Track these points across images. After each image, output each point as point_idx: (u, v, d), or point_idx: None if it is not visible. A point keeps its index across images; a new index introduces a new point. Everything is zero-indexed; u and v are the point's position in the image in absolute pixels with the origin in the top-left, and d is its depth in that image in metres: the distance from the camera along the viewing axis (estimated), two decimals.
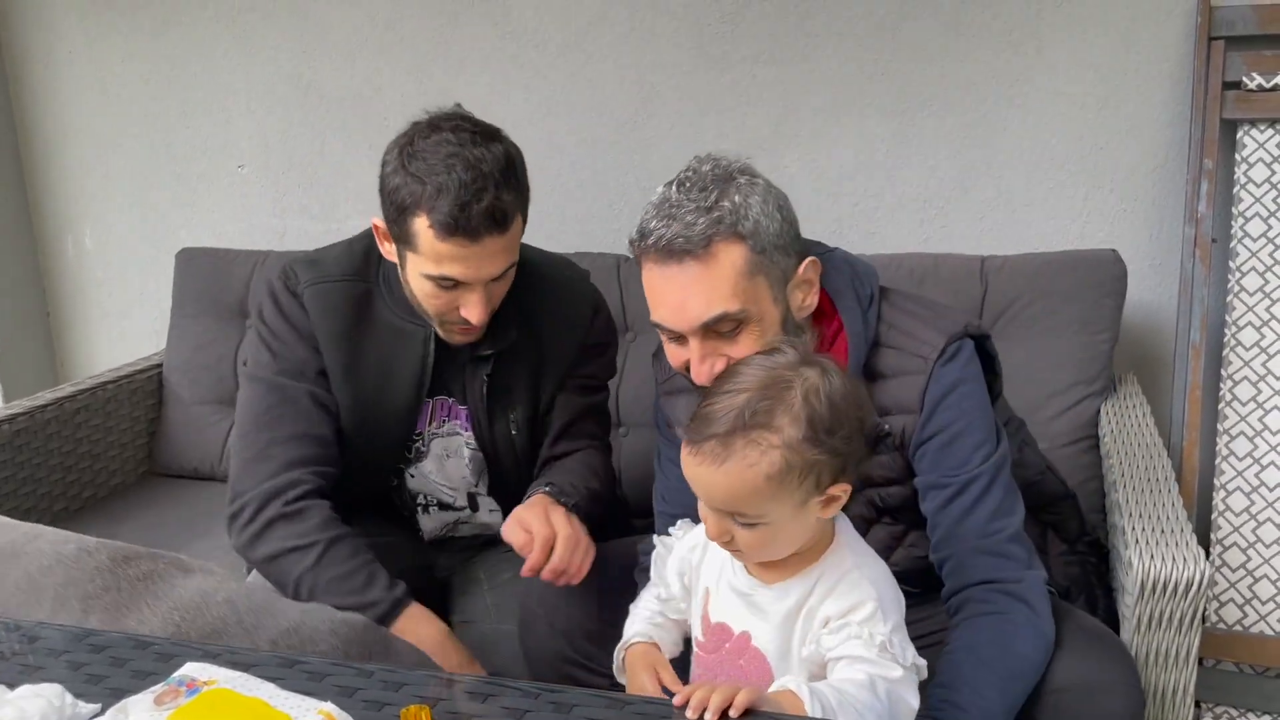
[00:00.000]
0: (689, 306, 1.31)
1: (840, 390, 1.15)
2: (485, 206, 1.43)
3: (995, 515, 1.37)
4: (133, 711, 0.97)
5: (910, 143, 2.29)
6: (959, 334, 1.41)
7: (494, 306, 1.57)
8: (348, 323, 1.64)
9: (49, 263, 2.94)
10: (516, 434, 1.71)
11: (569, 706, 1.05)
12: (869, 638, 1.13)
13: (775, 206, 1.34)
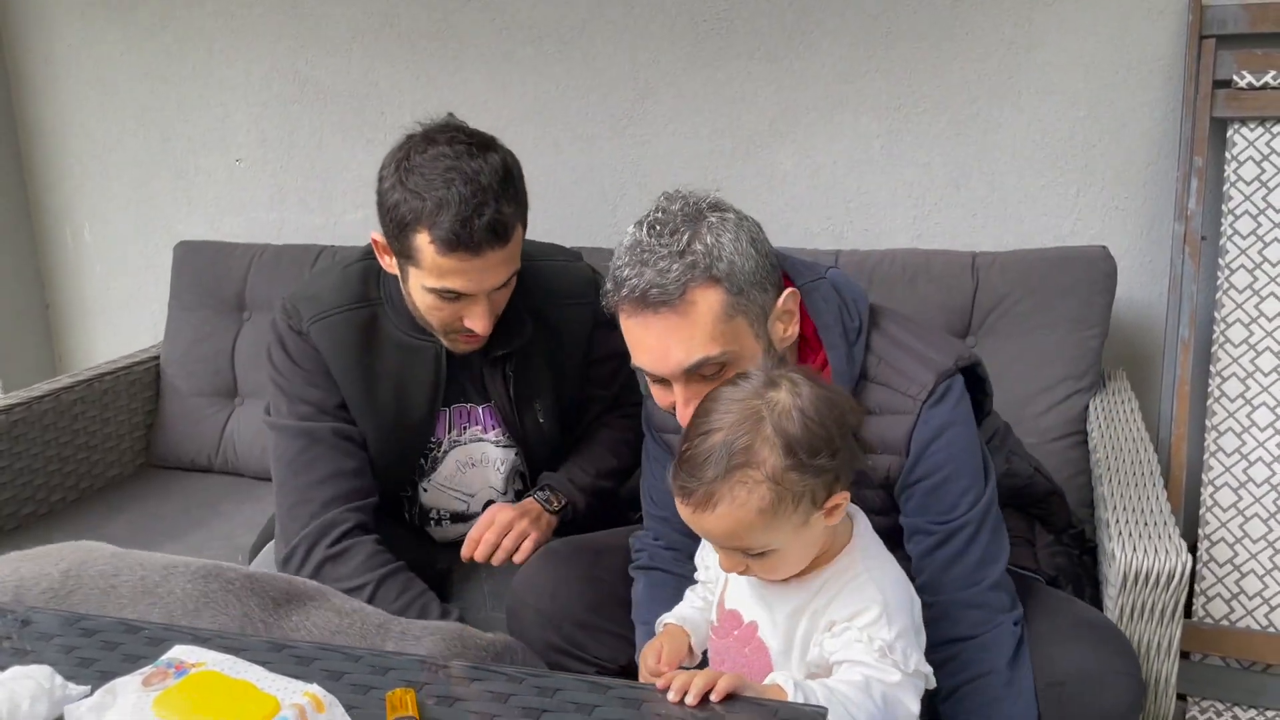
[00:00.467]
0: (670, 355, 1.30)
1: (814, 404, 1.14)
2: (486, 221, 1.44)
3: (980, 564, 1.36)
4: (121, 693, 0.99)
5: (904, 140, 2.30)
6: (949, 371, 1.37)
7: (498, 314, 1.59)
8: (358, 351, 1.66)
9: (48, 256, 2.96)
10: (545, 422, 1.74)
11: (552, 690, 1.07)
12: (869, 641, 1.14)
13: (748, 242, 1.31)
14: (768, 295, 1.33)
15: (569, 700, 1.05)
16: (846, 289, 1.44)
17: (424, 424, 1.70)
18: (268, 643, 1.19)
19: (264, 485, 2.17)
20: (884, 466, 1.37)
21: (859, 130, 2.32)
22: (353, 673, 1.11)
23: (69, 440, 2.38)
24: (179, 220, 2.81)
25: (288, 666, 1.11)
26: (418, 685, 1.08)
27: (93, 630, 1.22)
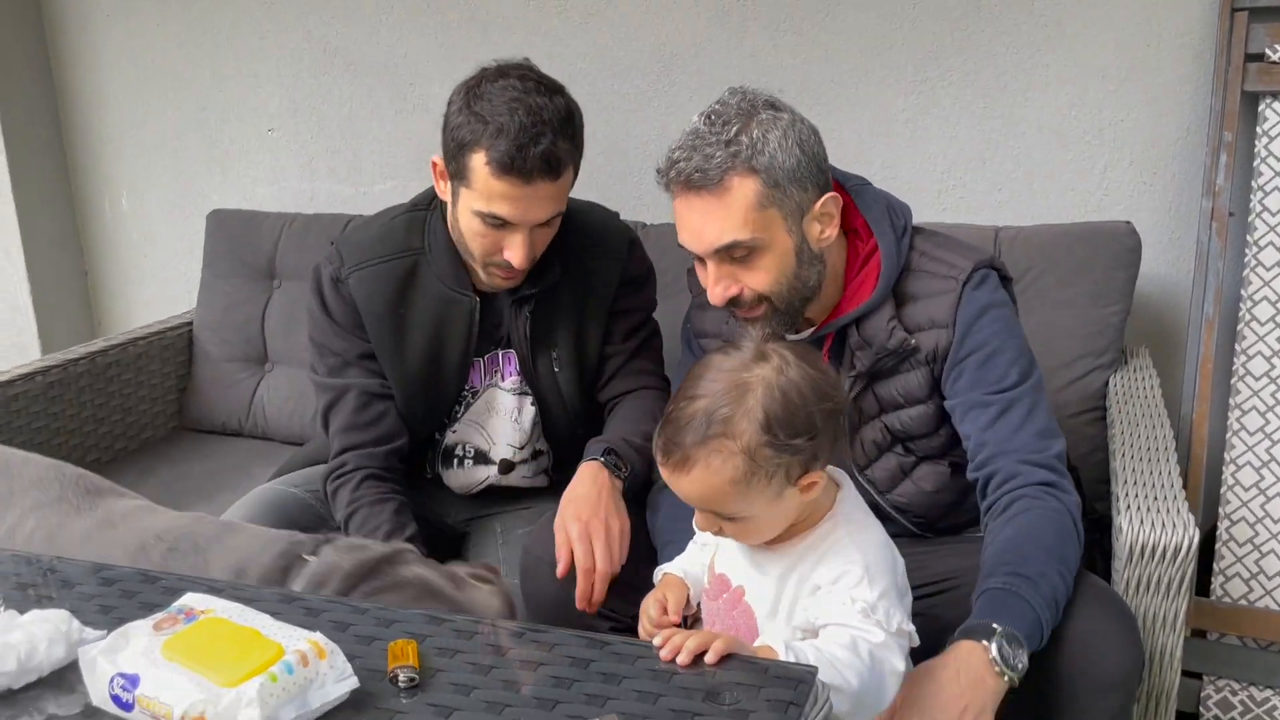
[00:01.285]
0: (705, 234, 1.44)
1: (798, 383, 1.16)
2: (542, 151, 1.52)
3: (1043, 434, 1.45)
4: (133, 636, 1.02)
5: (929, 113, 2.29)
6: (986, 261, 1.52)
7: (537, 254, 1.64)
8: (394, 302, 1.73)
9: (87, 223, 3.02)
10: (559, 371, 1.76)
11: (550, 645, 1.09)
12: (851, 603, 1.16)
13: (795, 141, 1.42)
14: (807, 194, 1.44)
15: (566, 654, 1.07)
16: (893, 198, 1.58)
17: (457, 374, 1.76)
18: (279, 594, 1.22)
19: (292, 449, 2.22)
20: (932, 342, 1.48)
21: (884, 104, 2.31)
22: (358, 624, 1.15)
23: (104, 402, 2.44)
24: (212, 189, 2.85)
25: (296, 617, 1.15)
26: (420, 638, 1.11)
27: (112, 579, 1.26)
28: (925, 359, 1.50)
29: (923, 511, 1.58)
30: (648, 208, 2.46)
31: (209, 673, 0.96)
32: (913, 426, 1.53)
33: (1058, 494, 1.41)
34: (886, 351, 1.49)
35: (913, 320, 1.50)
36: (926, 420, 1.52)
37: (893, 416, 1.53)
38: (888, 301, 1.51)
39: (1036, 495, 1.41)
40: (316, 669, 0.98)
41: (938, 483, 1.55)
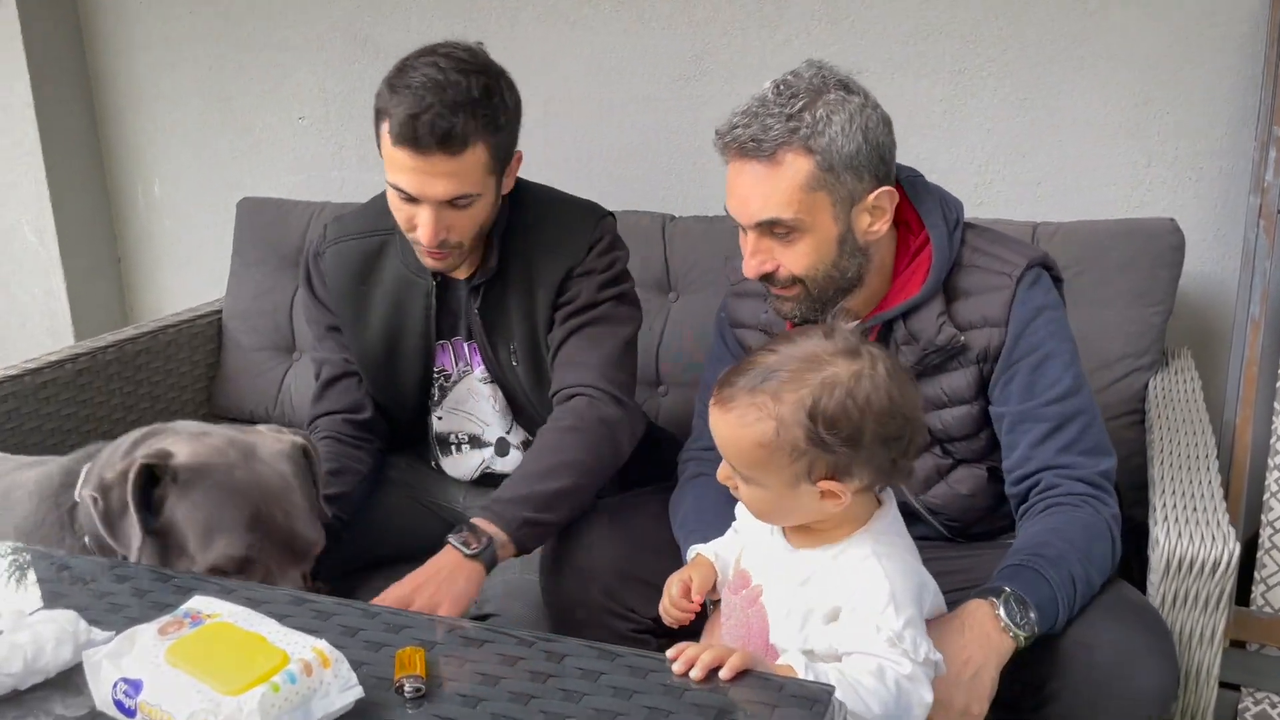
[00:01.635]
0: (749, 204, 1.41)
1: (867, 394, 1.12)
2: (435, 122, 1.49)
3: (1092, 452, 1.42)
4: (138, 640, 1.01)
5: (966, 105, 2.23)
6: (1039, 259, 1.48)
7: (460, 236, 1.61)
8: (358, 279, 1.78)
9: (120, 210, 3.03)
10: (516, 364, 1.75)
11: (560, 656, 1.07)
12: (877, 631, 1.12)
13: (860, 128, 1.39)
14: (862, 184, 1.41)
15: (576, 666, 1.05)
16: (947, 193, 1.55)
17: (419, 356, 1.77)
18: (289, 595, 1.21)
19: None
20: (983, 341, 1.44)
21: (920, 94, 2.25)
22: (367, 629, 1.13)
23: (132, 390, 2.44)
24: (243, 177, 2.85)
25: (305, 620, 1.13)
26: (429, 645, 1.09)
27: (125, 577, 1.25)
28: (975, 358, 1.45)
29: (956, 515, 1.54)
30: (676, 199, 2.43)
31: (212, 680, 0.95)
32: (954, 427, 1.49)
33: (1096, 505, 1.38)
34: (935, 348, 1.45)
35: (963, 317, 1.46)
36: (969, 422, 1.48)
37: (934, 416, 1.49)
38: (937, 296, 1.47)
39: (1073, 503, 1.38)
40: (320, 678, 0.96)
41: (974, 487, 1.51)
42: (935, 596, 1.21)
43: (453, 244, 1.63)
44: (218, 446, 1.38)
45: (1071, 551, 1.31)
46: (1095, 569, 1.33)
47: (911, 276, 1.49)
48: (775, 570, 1.24)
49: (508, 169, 1.66)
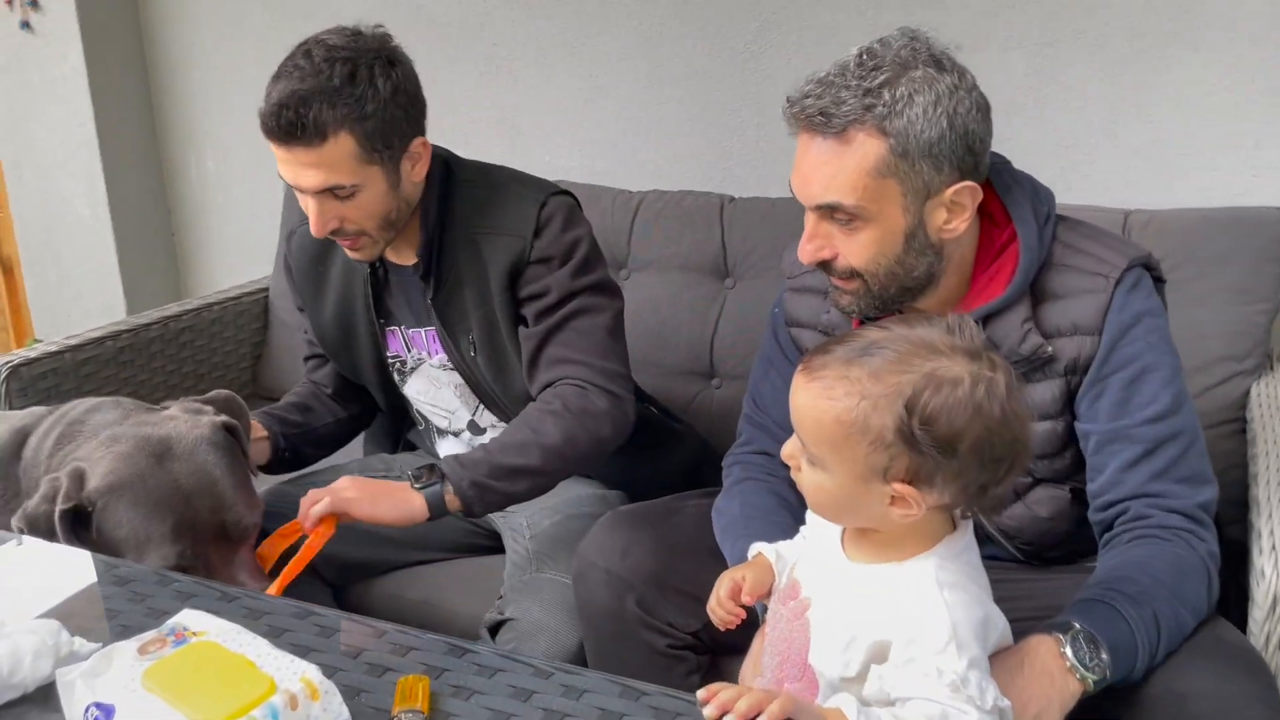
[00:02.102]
0: (810, 183, 1.27)
1: (977, 403, 0.99)
2: (281, 113, 1.47)
3: (1191, 481, 1.26)
4: (116, 659, 0.92)
5: (1055, 80, 2.06)
6: (1142, 259, 1.31)
7: (358, 227, 1.57)
8: (315, 260, 1.79)
9: (174, 185, 2.99)
10: (475, 355, 1.69)
11: (580, 692, 0.96)
12: (939, 675, 0.98)
13: (945, 113, 1.23)
14: (940, 175, 1.25)
15: (596, 705, 0.94)
16: (1039, 183, 1.38)
17: (370, 340, 1.77)
18: (293, 607, 1.12)
19: None
20: (1073, 351, 1.29)
21: (1004, 69, 2.09)
22: (371, 650, 1.03)
23: (176, 368, 2.40)
24: None
25: (307, 636, 1.04)
26: (436, 672, 0.99)
27: (126, 579, 1.17)
28: (1063, 370, 1.30)
29: (1032, 539, 1.40)
30: (736, 180, 2.30)
31: (188, 709, 0.86)
32: (1035, 445, 1.33)
33: (1190, 539, 1.22)
34: (1018, 358, 1.29)
35: (1051, 323, 1.30)
36: (1052, 439, 1.33)
37: None
38: (1023, 299, 1.31)
39: (1164, 536, 1.23)
40: (307, 712, 0.87)
41: (1055, 510, 1.36)
42: (1003, 633, 1.07)
43: (350, 232, 1.58)
44: (128, 454, 1.36)
45: (1157, 588, 1.17)
46: (1187, 609, 1.18)
47: (995, 276, 1.34)
48: (827, 583, 1.12)
49: (406, 156, 1.58)
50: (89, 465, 1.34)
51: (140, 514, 1.32)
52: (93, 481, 1.33)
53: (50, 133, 2.86)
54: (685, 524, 1.50)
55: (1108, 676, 1.10)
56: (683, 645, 1.44)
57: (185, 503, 1.35)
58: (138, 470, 1.34)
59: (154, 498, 1.33)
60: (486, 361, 1.69)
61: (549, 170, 2.01)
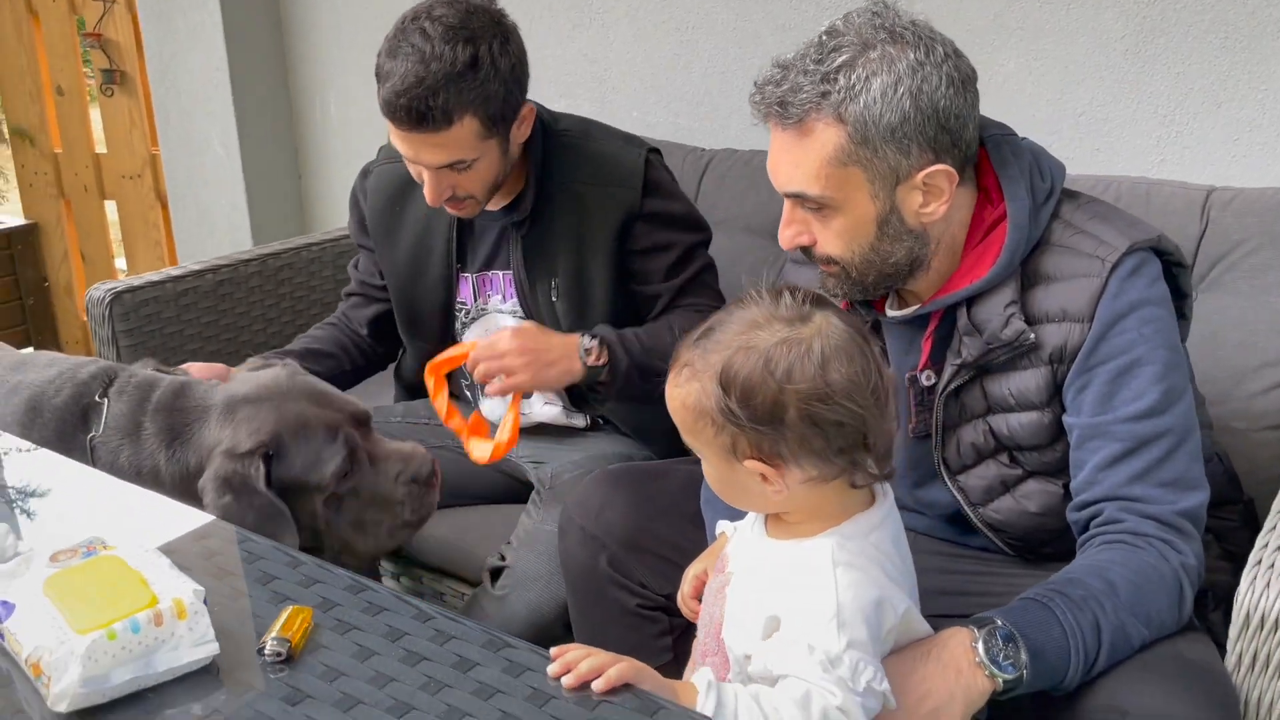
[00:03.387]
0: (777, 172, 1.25)
1: (787, 370, 0.96)
2: (411, 105, 1.49)
3: (1174, 485, 1.17)
4: (33, 564, 1.01)
5: (1155, 43, 1.90)
6: (1148, 243, 1.21)
7: (469, 193, 1.62)
8: (391, 203, 1.82)
9: (301, 127, 3.13)
10: (557, 300, 1.72)
11: (447, 637, 0.98)
12: (809, 651, 0.96)
13: (909, 92, 1.16)
14: (908, 159, 1.19)
15: (456, 652, 0.96)
16: (1043, 156, 1.30)
17: (442, 284, 1.79)
18: (287, 556, 1.15)
19: None
20: (1059, 338, 1.21)
21: (1100, 29, 1.94)
22: (282, 580, 1.08)
23: (274, 304, 2.53)
24: None
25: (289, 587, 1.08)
26: (329, 605, 1.03)
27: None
28: (1048, 358, 1.21)
29: (1021, 534, 1.32)
30: None
31: (71, 615, 0.93)
32: (1022, 435, 1.26)
33: (1163, 549, 1.13)
34: (1000, 342, 1.22)
35: (1040, 308, 1.22)
36: (1039, 430, 1.25)
37: (1000, 420, 1.27)
38: (1011, 281, 1.23)
39: (1135, 543, 1.14)
40: (172, 629, 0.92)
41: (1045, 504, 1.28)
42: (905, 618, 1.02)
43: (461, 198, 1.63)
44: (258, 410, 1.45)
45: (1108, 595, 1.09)
46: (1141, 620, 1.10)
47: (983, 256, 1.25)
48: (747, 560, 1.11)
49: (515, 123, 1.63)
50: (233, 440, 1.43)
51: (304, 440, 1.43)
52: (251, 440, 1.43)
53: (192, 77, 3.05)
54: (670, 487, 1.49)
55: (1025, 678, 1.04)
56: (654, 606, 1.44)
57: (324, 409, 1.47)
58: (279, 413, 1.45)
59: (303, 421, 1.45)
60: (567, 309, 1.73)
61: (637, 126, 2.01)
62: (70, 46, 3.80)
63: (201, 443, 1.46)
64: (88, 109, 3.91)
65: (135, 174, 3.75)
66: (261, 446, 1.42)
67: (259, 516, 1.38)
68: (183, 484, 1.45)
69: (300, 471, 1.44)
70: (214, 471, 1.41)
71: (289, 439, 1.44)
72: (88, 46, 3.74)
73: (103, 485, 1.31)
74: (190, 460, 1.46)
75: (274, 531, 1.37)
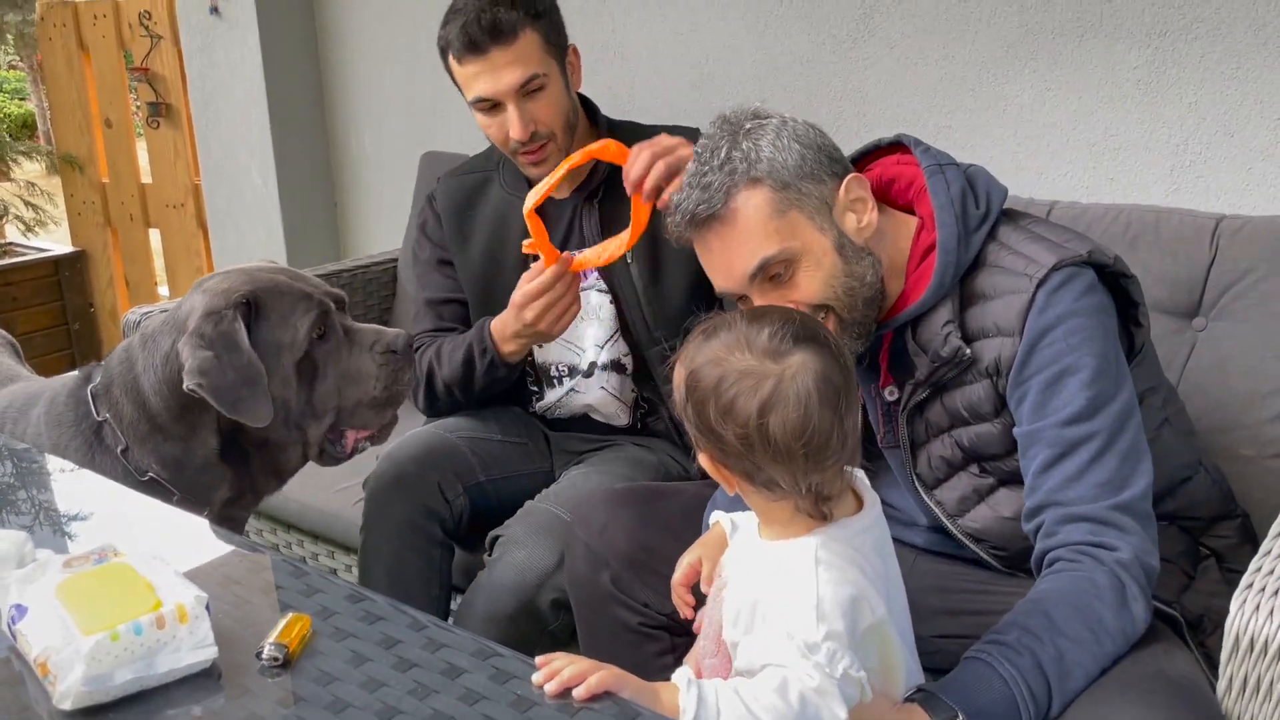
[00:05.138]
0: (734, 266, 1.30)
1: (729, 402, 1.01)
2: (484, 22, 1.68)
3: (1108, 483, 1.21)
4: (48, 569, 1.05)
5: (1167, 73, 1.91)
6: (1075, 258, 1.25)
7: (549, 126, 1.75)
8: (463, 209, 1.94)
9: (337, 158, 3.22)
10: (632, 264, 1.79)
11: (439, 646, 1.01)
12: (788, 638, 0.98)
13: (790, 138, 1.30)
14: (824, 186, 1.30)
15: (447, 660, 0.99)
16: (982, 181, 1.37)
17: (517, 269, 1.79)
18: (290, 564, 1.19)
19: None
20: (993, 352, 1.27)
21: (1113, 59, 1.96)
22: (286, 589, 1.12)
23: None
24: (435, 132, 2.94)
25: (291, 596, 1.12)
26: (328, 614, 1.06)
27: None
28: (986, 370, 1.27)
29: (1000, 541, 1.34)
30: None
31: (79, 618, 0.96)
32: (981, 445, 1.30)
33: (1096, 554, 1.16)
34: (941, 360, 1.28)
35: (975, 324, 1.27)
36: (994, 440, 1.29)
37: (960, 433, 1.32)
38: (947, 301, 1.29)
39: (1070, 561, 1.17)
40: (173, 632, 0.96)
41: (1018, 509, 1.30)
42: (881, 628, 1.04)
43: (543, 134, 1.76)
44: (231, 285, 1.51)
45: (1045, 629, 1.12)
46: (1090, 637, 1.13)
47: (920, 280, 1.32)
48: (742, 561, 1.14)
49: (567, 61, 1.80)
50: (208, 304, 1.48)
51: (277, 300, 1.49)
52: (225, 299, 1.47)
53: (232, 109, 3.15)
54: (676, 507, 1.52)
55: None
56: (656, 625, 1.46)
57: (296, 282, 1.54)
58: (251, 277, 1.52)
59: (275, 284, 1.51)
60: (641, 270, 1.80)
61: None
62: (119, 80, 3.94)
63: (181, 323, 1.49)
64: (134, 140, 4.04)
65: (179, 203, 3.87)
66: (239, 303, 1.46)
67: (239, 377, 1.42)
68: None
69: (273, 330, 1.47)
70: (193, 329, 1.45)
71: (265, 297, 1.49)
72: (135, 80, 3.88)
73: (139, 507, 1.35)
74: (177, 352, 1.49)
75: (250, 398, 1.42)
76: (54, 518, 1.32)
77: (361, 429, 1.60)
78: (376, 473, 1.80)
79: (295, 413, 1.53)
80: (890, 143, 1.43)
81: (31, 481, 1.39)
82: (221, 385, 1.42)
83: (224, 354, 1.43)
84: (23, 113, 10.89)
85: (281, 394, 1.49)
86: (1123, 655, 1.17)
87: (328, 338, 1.53)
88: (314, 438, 1.57)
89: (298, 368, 1.50)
